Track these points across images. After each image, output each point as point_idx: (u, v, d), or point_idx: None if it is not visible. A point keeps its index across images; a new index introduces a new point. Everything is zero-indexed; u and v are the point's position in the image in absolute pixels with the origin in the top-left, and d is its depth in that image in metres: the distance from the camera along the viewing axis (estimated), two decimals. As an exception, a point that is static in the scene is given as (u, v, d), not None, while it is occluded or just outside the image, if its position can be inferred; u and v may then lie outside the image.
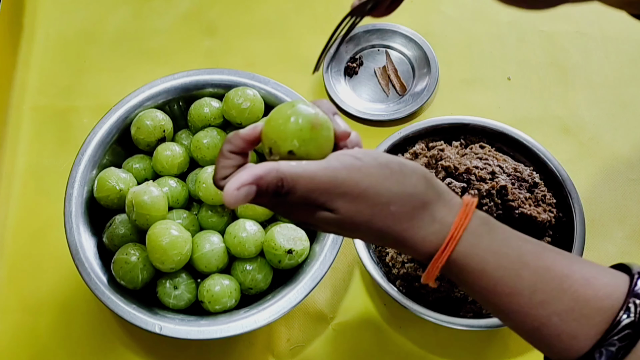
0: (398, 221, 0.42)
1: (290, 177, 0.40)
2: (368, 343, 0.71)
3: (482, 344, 0.71)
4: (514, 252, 0.41)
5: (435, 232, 0.42)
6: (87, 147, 0.70)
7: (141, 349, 0.71)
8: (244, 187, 0.41)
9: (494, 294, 0.41)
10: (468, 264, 0.41)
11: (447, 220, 0.42)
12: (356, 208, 0.41)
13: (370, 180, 0.41)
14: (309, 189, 0.41)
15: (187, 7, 0.94)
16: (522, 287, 0.40)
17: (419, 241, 0.42)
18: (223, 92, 0.74)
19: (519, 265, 0.41)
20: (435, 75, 0.85)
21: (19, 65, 0.89)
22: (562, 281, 0.40)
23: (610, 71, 0.89)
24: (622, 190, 0.80)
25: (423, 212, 0.42)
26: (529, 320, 0.40)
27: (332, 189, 0.41)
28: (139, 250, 0.65)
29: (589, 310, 0.39)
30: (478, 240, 0.41)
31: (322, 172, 0.41)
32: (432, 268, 0.42)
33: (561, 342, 0.39)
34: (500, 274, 0.41)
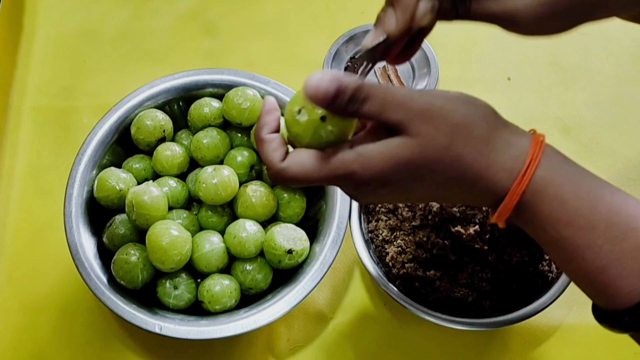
0: (477, 145, 0.40)
1: (368, 87, 0.40)
2: (368, 343, 0.71)
3: (482, 344, 0.71)
4: (590, 182, 0.40)
5: (513, 156, 0.40)
6: (87, 147, 0.70)
7: (141, 349, 0.71)
8: (326, 79, 0.40)
9: (569, 226, 0.39)
10: (546, 191, 0.40)
11: (523, 144, 0.41)
12: (436, 129, 0.39)
13: (445, 99, 0.40)
14: (385, 100, 0.40)
15: (187, 7, 0.94)
16: (598, 220, 0.39)
17: (499, 168, 0.40)
18: (223, 92, 0.74)
19: (595, 196, 0.40)
20: (435, 75, 0.85)
21: (19, 65, 0.89)
22: (636, 219, 0.39)
23: (610, 71, 0.89)
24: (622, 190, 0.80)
25: (499, 137, 0.41)
26: (600, 257, 0.39)
27: (410, 104, 0.40)
28: (139, 250, 0.65)
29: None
30: (555, 166, 0.40)
31: (396, 89, 0.40)
32: (512, 196, 0.40)
33: (628, 282, 0.38)
34: (577, 204, 0.39)
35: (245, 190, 0.68)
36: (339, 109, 0.41)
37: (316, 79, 0.41)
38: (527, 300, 0.66)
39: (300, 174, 0.42)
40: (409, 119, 0.40)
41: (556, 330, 0.71)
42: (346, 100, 0.40)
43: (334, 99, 0.41)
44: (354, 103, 0.40)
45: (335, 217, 0.67)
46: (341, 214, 0.67)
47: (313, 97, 0.41)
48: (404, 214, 0.69)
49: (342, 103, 0.41)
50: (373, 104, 0.40)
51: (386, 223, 0.71)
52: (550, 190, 0.40)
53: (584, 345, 0.71)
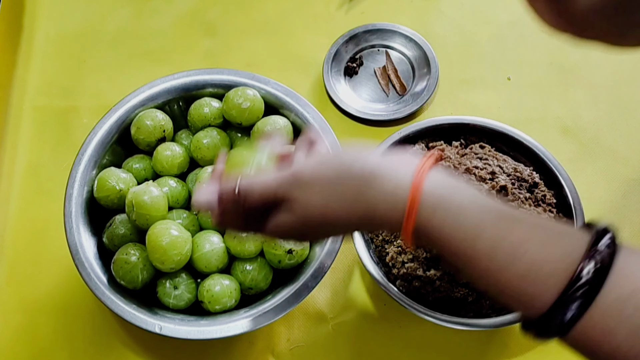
0: (351, 201, 0.44)
1: (244, 186, 0.47)
2: (368, 343, 0.71)
3: (482, 344, 0.71)
4: (470, 222, 0.42)
5: (391, 206, 0.43)
6: (87, 147, 0.70)
7: (141, 349, 0.71)
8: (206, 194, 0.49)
9: (457, 256, 0.42)
10: (429, 234, 0.43)
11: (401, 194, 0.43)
12: (310, 195, 0.45)
13: (310, 172, 0.46)
14: (263, 190, 0.46)
15: (187, 7, 0.94)
16: (480, 255, 0.41)
17: (384, 214, 0.44)
18: (223, 92, 0.74)
19: (474, 235, 0.42)
20: (435, 75, 0.85)
21: (19, 65, 0.89)
22: (520, 246, 0.40)
23: (610, 71, 0.89)
24: (622, 190, 0.80)
25: (372, 189, 0.44)
26: (492, 284, 0.42)
27: (285, 182, 0.46)
28: (139, 250, 0.65)
29: (545, 272, 0.39)
30: (430, 213, 0.42)
31: (270, 177, 0.47)
32: (404, 235, 0.44)
33: (522, 303, 0.41)
34: (457, 244, 0.42)
35: (245, 190, 0.68)
36: (230, 212, 0.48)
37: (198, 198, 0.50)
38: (527, 300, 0.66)
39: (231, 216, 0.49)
40: (289, 192, 0.46)
41: (556, 330, 0.71)
42: (230, 206, 0.48)
43: (219, 205, 0.48)
44: (238, 204, 0.47)
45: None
46: (341, 214, 0.67)
47: (202, 209, 0.51)
48: (404, 214, 0.69)
49: (228, 207, 0.48)
50: (253, 197, 0.47)
51: (386, 223, 0.71)
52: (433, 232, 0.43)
53: (584, 345, 0.71)
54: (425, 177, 0.43)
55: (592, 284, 0.38)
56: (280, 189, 0.46)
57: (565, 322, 0.38)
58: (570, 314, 0.38)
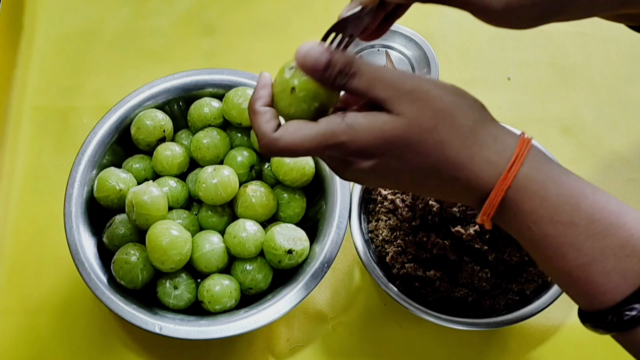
0: (461, 134, 0.41)
1: (358, 63, 0.42)
2: (368, 343, 0.71)
3: (482, 344, 0.71)
4: (572, 182, 0.41)
5: (498, 151, 0.41)
6: (87, 147, 0.70)
7: (141, 349, 0.71)
8: (318, 49, 0.42)
9: (551, 222, 0.40)
10: (528, 188, 0.40)
11: (509, 141, 0.41)
12: (421, 111, 0.40)
13: (432, 84, 0.41)
14: (374, 77, 0.41)
15: (187, 7, 0.94)
16: (580, 217, 0.39)
17: (482, 161, 0.41)
18: (223, 92, 0.74)
19: (577, 194, 0.40)
20: (435, 75, 0.85)
21: (19, 65, 0.89)
22: (618, 217, 0.39)
23: (610, 71, 0.89)
24: (622, 190, 0.80)
25: (484, 130, 0.41)
26: (582, 254, 0.39)
27: (397, 84, 0.41)
28: (139, 250, 0.65)
29: (631, 273, 0.38)
30: (539, 164, 0.41)
31: (387, 70, 0.42)
32: (497, 191, 0.40)
33: (609, 279, 0.39)
34: (559, 201, 0.40)
35: (245, 190, 0.68)
36: (327, 80, 0.42)
37: (307, 47, 0.42)
38: (527, 300, 0.66)
39: (292, 144, 0.43)
40: (395, 98, 0.41)
41: (556, 330, 0.71)
42: (335, 72, 0.42)
43: (323, 70, 0.42)
44: (342, 76, 0.42)
45: (335, 217, 0.67)
46: (341, 214, 0.67)
47: (302, 65, 0.43)
48: (404, 214, 0.69)
49: (331, 75, 0.42)
50: (362, 79, 0.41)
51: (386, 223, 0.71)
52: (533, 187, 0.40)
53: (584, 345, 0.71)
54: (530, 145, 0.42)
55: None
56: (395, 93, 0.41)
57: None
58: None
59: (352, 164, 0.43)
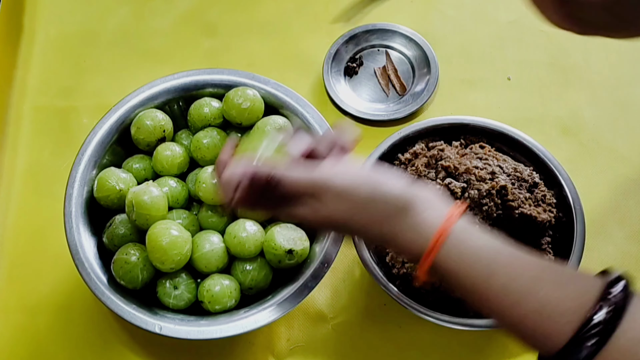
0: (379, 221, 0.46)
1: (280, 173, 0.48)
2: (368, 343, 0.71)
3: (482, 344, 0.71)
4: (488, 255, 0.44)
5: (412, 239, 0.46)
6: (87, 147, 0.70)
7: (141, 349, 0.71)
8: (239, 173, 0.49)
9: (472, 293, 0.44)
10: (447, 268, 0.45)
11: (426, 228, 0.46)
12: (338, 204, 0.47)
13: (348, 182, 0.47)
14: (294, 181, 0.48)
15: (187, 7, 0.94)
16: (496, 290, 0.43)
17: (402, 242, 0.46)
18: (223, 92, 0.74)
19: (489, 271, 0.43)
20: (435, 75, 0.85)
21: (19, 65, 0.89)
22: (534, 284, 0.42)
23: (610, 71, 0.89)
24: (622, 190, 0.80)
25: (399, 219, 0.46)
26: (506, 319, 0.43)
27: (318, 184, 0.47)
28: (139, 250, 0.65)
29: (560, 310, 0.40)
30: (453, 247, 0.45)
31: (304, 172, 0.48)
32: (420, 271, 0.46)
33: (537, 340, 0.41)
34: (472, 280, 0.44)
35: (245, 190, 0.68)
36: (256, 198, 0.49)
37: (230, 171, 0.50)
38: (527, 300, 0.66)
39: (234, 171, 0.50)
40: (316, 195, 0.48)
41: (556, 330, 0.71)
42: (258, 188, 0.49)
43: (250, 187, 0.49)
44: (268, 188, 0.48)
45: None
46: (341, 214, 0.67)
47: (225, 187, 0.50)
48: (404, 214, 0.69)
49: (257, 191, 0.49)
50: (285, 187, 0.48)
51: (386, 223, 0.71)
52: (450, 267, 0.45)
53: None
54: (454, 223, 0.45)
55: (606, 325, 0.38)
56: (311, 189, 0.48)
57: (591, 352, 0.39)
58: (585, 352, 0.38)
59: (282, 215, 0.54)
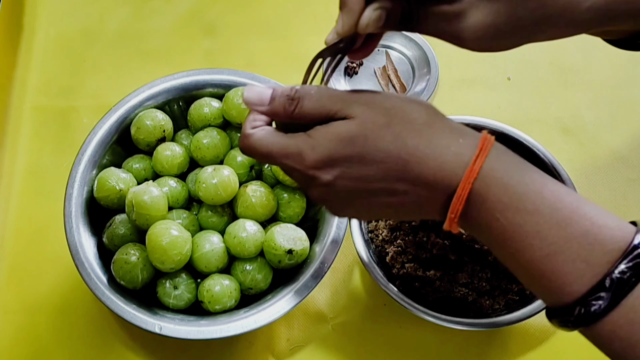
0: (417, 128, 0.42)
1: (301, 88, 0.44)
2: (368, 343, 0.71)
3: (482, 344, 0.71)
4: (534, 172, 0.42)
5: (460, 143, 0.42)
6: (87, 147, 0.71)
7: (141, 349, 0.71)
8: (258, 87, 0.45)
9: (517, 211, 0.40)
10: (493, 177, 0.41)
11: (469, 133, 0.42)
12: (372, 110, 0.42)
13: (378, 93, 0.44)
14: (321, 96, 0.43)
15: (187, 7, 0.94)
16: (544, 204, 0.40)
17: (445, 153, 0.41)
18: (223, 92, 0.74)
19: (540, 183, 0.41)
20: (435, 75, 0.85)
21: (19, 65, 0.89)
22: (579, 206, 0.40)
23: (610, 71, 0.89)
24: (622, 190, 0.80)
25: (441, 123, 0.43)
26: (547, 243, 0.40)
27: (345, 96, 0.43)
28: (139, 250, 0.65)
29: (603, 237, 0.39)
30: (501, 155, 0.42)
31: (331, 88, 0.44)
32: (465, 184, 0.41)
33: (575, 268, 0.39)
34: (523, 190, 0.40)
35: (245, 190, 0.68)
36: (280, 112, 0.45)
37: (248, 88, 0.46)
38: (527, 300, 0.66)
39: (259, 145, 0.45)
40: (345, 107, 0.43)
41: (556, 330, 0.71)
42: (282, 102, 0.44)
43: (270, 103, 0.45)
44: (290, 104, 0.44)
45: (336, 217, 0.67)
46: (341, 214, 0.67)
47: (249, 104, 0.46)
48: (404, 214, 0.69)
49: (279, 106, 0.45)
50: (310, 101, 0.44)
51: (386, 223, 0.71)
52: (497, 176, 0.41)
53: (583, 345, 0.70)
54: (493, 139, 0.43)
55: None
56: (345, 103, 0.43)
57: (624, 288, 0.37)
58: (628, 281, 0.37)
59: (315, 178, 0.44)
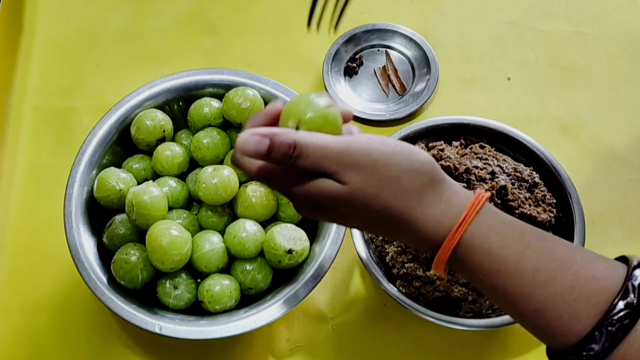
0: (406, 197, 0.42)
1: (304, 142, 0.42)
2: (368, 343, 0.71)
3: (482, 344, 0.71)
4: (516, 233, 0.42)
5: (443, 211, 0.43)
6: (87, 147, 0.71)
7: (141, 349, 0.71)
8: (258, 136, 0.43)
9: (499, 274, 0.41)
10: (474, 244, 0.42)
11: (456, 202, 0.43)
12: (367, 180, 0.42)
13: (381, 152, 0.43)
14: (321, 156, 0.42)
15: (187, 7, 0.94)
16: (525, 266, 0.41)
17: (427, 220, 0.43)
18: (223, 92, 0.74)
19: (521, 244, 0.41)
20: (435, 75, 0.85)
21: (19, 65, 0.89)
22: (563, 262, 0.40)
23: (610, 71, 0.89)
24: (622, 190, 0.80)
25: (431, 191, 0.43)
26: (532, 301, 0.41)
27: (345, 158, 0.42)
28: (139, 250, 0.65)
29: (589, 290, 0.39)
30: (483, 221, 0.42)
31: (334, 141, 0.42)
32: (445, 249, 0.42)
33: (562, 323, 0.40)
34: (504, 253, 0.41)
35: (245, 190, 0.68)
36: (276, 164, 0.44)
37: (244, 136, 0.44)
38: (527, 300, 0.66)
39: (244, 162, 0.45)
40: (341, 171, 0.42)
41: (556, 330, 0.71)
42: (279, 156, 0.43)
43: (267, 155, 0.43)
44: (287, 158, 0.43)
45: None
46: (341, 214, 0.67)
47: (244, 153, 0.44)
48: (404, 214, 0.69)
49: (276, 157, 0.43)
50: (307, 160, 0.42)
51: (386, 223, 0.71)
52: (477, 242, 0.42)
53: (584, 345, 0.71)
54: (484, 199, 0.43)
55: (636, 306, 0.38)
56: (340, 167, 0.42)
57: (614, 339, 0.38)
58: (615, 334, 0.38)
59: (303, 206, 0.46)
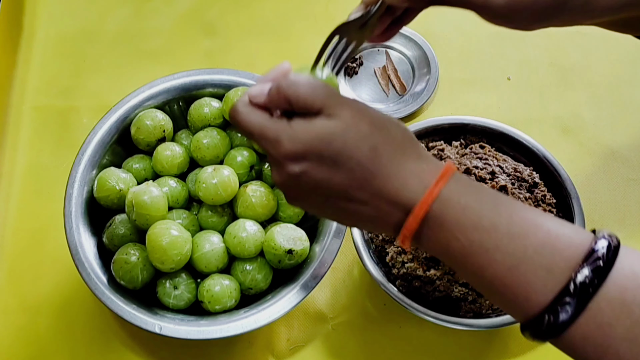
0: (394, 145, 0.43)
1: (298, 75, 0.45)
2: (368, 343, 0.71)
3: (482, 344, 0.71)
4: (490, 192, 0.43)
5: (424, 168, 0.43)
6: (87, 147, 0.71)
7: (141, 349, 0.71)
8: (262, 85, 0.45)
9: (475, 229, 0.41)
10: (452, 198, 0.42)
11: (433, 159, 0.44)
12: (358, 117, 0.43)
13: (364, 104, 0.44)
14: (317, 85, 0.44)
15: (187, 7, 0.94)
16: (500, 220, 0.41)
17: (409, 175, 0.43)
18: (223, 92, 0.74)
19: (495, 201, 0.42)
20: (435, 75, 0.85)
21: (19, 65, 0.89)
22: (535, 219, 0.41)
23: (610, 71, 0.89)
24: (622, 190, 0.80)
25: (412, 148, 0.44)
26: (507, 256, 0.41)
27: (336, 96, 0.43)
28: (139, 250, 0.65)
29: (561, 245, 0.40)
30: (457, 180, 0.43)
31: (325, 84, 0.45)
32: (422, 205, 0.42)
33: (538, 277, 0.40)
34: (479, 207, 0.42)
35: (245, 190, 0.68)
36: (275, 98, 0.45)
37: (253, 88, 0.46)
38: (527, 300, 0.66)
39: (242, 116, 0.46)
40: (337, 104, 0.43)
41: (556, 330, 0.71)
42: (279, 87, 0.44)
43: (269, 93, 0.45)
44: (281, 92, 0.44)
45: (335, 217, 0.67)
46: (341, 214, 0.67)
47: (252, 98, 0.46)
48: (404, 214, 0.69)
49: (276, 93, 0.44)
50: (305, 87, 0.44)
51: (386, 223, 0.71)
52: (454, 198, 0.42)
53: (584, 345, 0.71)
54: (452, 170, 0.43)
55: (605, 259, 0.39)
56: (337, 100, 0.43)
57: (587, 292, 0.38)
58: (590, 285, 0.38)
59: (284, 166, 0.45)
